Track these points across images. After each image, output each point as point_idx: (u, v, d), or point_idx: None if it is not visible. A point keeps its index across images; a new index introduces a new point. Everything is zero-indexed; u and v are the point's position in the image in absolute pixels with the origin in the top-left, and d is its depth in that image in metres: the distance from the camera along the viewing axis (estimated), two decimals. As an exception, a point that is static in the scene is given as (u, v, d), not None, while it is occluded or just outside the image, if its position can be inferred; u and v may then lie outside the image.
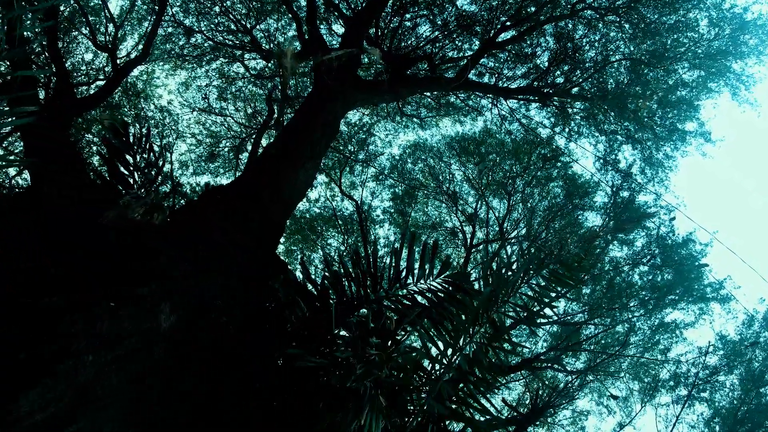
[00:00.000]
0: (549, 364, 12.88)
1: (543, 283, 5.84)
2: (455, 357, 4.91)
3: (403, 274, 4.64)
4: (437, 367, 4.67)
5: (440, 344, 4.83)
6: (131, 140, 4.94)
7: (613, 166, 14.41)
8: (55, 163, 6.07)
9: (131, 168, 5.10)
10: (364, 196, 16.73)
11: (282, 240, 17.03)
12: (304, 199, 17.18)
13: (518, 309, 5.66)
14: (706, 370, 13.61)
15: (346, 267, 4.50)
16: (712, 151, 20.23)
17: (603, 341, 14.33)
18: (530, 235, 14.26)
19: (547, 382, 13.67)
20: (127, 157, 5.06)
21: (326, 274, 4.42)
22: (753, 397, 12.94)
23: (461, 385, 4.61)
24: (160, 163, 5.25)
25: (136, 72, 17.15)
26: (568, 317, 14.27)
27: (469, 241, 14.99)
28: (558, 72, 13.94)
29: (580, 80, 13.78)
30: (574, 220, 14.49)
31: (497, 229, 15.12)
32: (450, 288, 4.53)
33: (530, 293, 5.70)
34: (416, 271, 4.63)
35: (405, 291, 4.61)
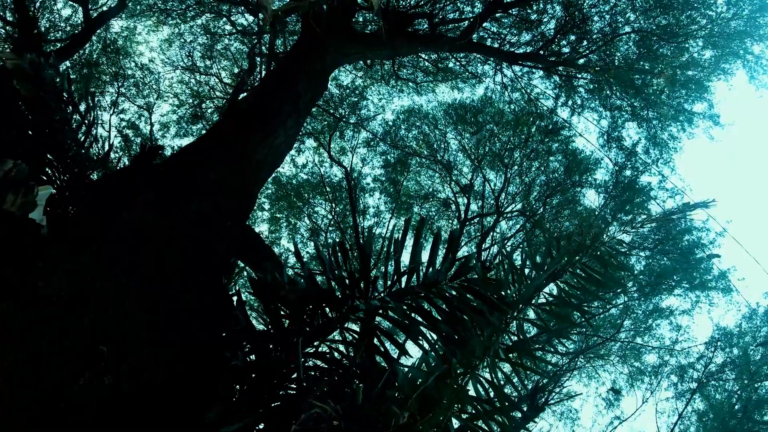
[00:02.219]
0: (540, 346, 11.73)
1: (571, 282, 4.61)
2: (466, 379, 3.66)
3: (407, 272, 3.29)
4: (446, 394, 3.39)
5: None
6: (45, 85, 3.46)
7: (617, 143, 13.09)
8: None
9: (47, 124, 3.63)
10: (355, 163, 15.24)
11: (267, 207, 15.61)
12: (291, 164, 15.74)
13: (542, 314, 4.44)
14: (702, 361, 12.64)
15: (329, 262, 3.13)
16: (724, 135, 18.95)
17: (595, 323, 13.21)
18: (527, 210, 12.97)
19: (537, 368, 12.55)
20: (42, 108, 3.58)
21: (299, 273, 3.06)
22: (750, 392, 12.00)
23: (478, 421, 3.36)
24: (91, 117, 3.77)
25: (116, 28, 15.49)
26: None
27: (463, 214, 13.62)
28: (564, 42, 12.59)
29: (587, 51, 12.47)
30: (573, 197, 13.21)
31: (493, 202, 13.75)
32: (470, 296, 3.18)
33: (557, 294, 4.47)
34: (424, 271, 3.26)
35: (409, 297, 3.24)
